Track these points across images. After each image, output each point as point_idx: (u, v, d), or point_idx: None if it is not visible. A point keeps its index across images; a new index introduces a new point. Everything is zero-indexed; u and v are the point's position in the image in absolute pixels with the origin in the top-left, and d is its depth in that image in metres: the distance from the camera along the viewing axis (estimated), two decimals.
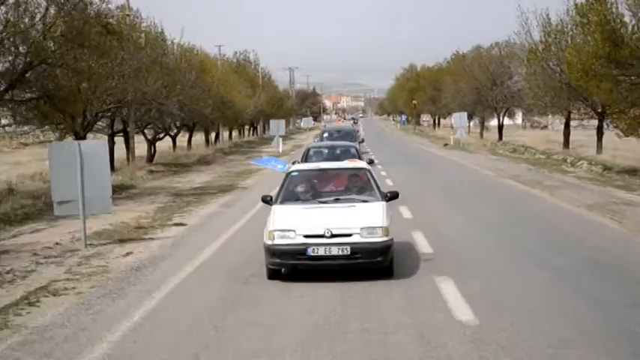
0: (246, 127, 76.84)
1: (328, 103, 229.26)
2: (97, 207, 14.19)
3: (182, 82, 34.98)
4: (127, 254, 13.34)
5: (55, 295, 10.40)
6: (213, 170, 34.61)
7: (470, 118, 62.89)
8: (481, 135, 60.91)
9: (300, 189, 11.96)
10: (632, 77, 23.77)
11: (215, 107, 42.52)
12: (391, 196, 11.59)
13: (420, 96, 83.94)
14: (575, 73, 26.19)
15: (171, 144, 46.41)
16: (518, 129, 70.36)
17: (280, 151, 47.31)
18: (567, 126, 39.61)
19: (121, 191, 24.14)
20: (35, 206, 20.44)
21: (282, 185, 11.88)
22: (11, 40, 20.47)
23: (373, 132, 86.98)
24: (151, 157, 38.76)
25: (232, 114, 51.41)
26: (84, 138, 30.88)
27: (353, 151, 22.15)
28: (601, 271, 10.89)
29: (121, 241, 14.78)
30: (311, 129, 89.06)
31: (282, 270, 10.75)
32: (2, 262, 12.86)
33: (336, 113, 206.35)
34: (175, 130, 46.67)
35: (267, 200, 11.75)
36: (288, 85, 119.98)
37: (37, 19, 20.86)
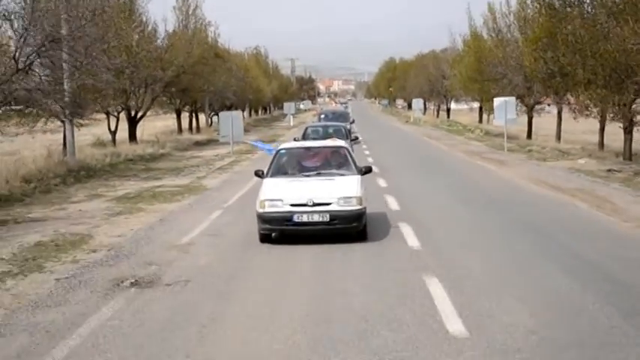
0: (260, 107, 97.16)
1: (322, 87, 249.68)
2: (237, 138, 34.42)
3: (235, 78, 55.24)
4: (252, 155, 33.73)
5: (241, 162, 30.67)
6: (256, 134, 54.79)
7: (434, 102, 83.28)
8: (437, 115, 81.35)
9: (287, 164, 13.27)
10: (489, 82, 43.92)
11: (253, 94, 63.06)
12: (365, 171, 13.05)
13: (395, 84, 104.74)
14: (464, 78, 46.58)
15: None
16: (472, 112, 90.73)
17: (292, 124, 67.57)
18: (480, 109, 59.98)
19: (215, 141, 44.39)
20: (183, 145, 40.73)
21: (272, 161, 13.30)
22: (169, 64, 40.64)
23: (360, 113, 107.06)
24: (211, 125, 59.20)
25: (261, 97, 72.12)
26: (181, 112, 51.39)
27: (343, 130, 25.04)
28: (433, 164, 30.96)
29: (242, 154, 35.02)
30: (309, 109, 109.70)
31: (272, 234, 12.02)
32: (205, 160, 33.08)
33: (328, 96, 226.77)
34: (218, 110, 67.05)
35: (260, 174, 13.06)
36: (289, 71, 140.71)
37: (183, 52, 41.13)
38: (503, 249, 11.56)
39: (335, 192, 11.89)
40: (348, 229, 11.81)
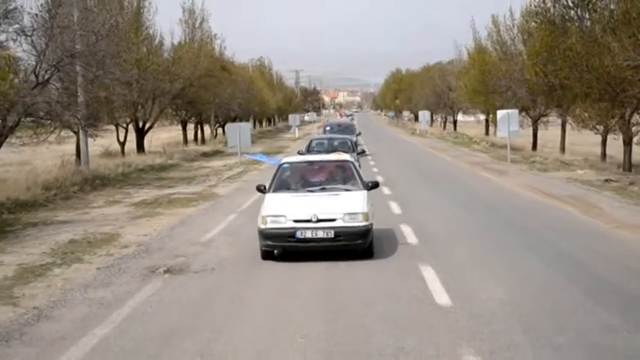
0: (264, 119, 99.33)
1: (327, 99, 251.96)
2: (244, 149, 36.39)
3: (240, 90, 57.33)
4: (260, 166, 35.65)
5: (249, 172, 32.61)
6: (260, 145, 56.82)
7: (441, 114, 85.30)
8: (444, 127, 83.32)
9: (290, 179, 13.42)
10: (493, 94, 45.88)
11: (258, 105, 65.17)
12: (372, 186, 13.16)
13: (401, 96, 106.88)
14: (469, 90, 48.56)
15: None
16: (480, 124, 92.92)
17: (297, 136, 69.61)
18: (487, 121, 61.92)
19: (222, 153, 46.35)
20: (190, 156, 42.70)
21: (275, 175, 13.37)
22: (176, 76, 42.74)
23: (365, 125, 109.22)
24: (216, 136, 61.30)
25: (266, 109, 74.31)
26: (186, 123, 53.43)
27: (349, 143, 25.46)
28: (435, 173, 32.92)
29: (250, 164, 36.96)
30: (314, 121, 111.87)
31: (275, 252, 12.18)
32: (214, 170, 35.00)
33: (333, 108, 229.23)
34: (223, 122, 69.24)
35: (262, 189, 13.16)
36: (293, 82, 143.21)
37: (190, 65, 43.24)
38: (490, 243, 13.46)
39: (340, 208, 12.06)
40: (354, 246, 11.97)
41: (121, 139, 40.86)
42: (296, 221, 11.91)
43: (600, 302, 9.17)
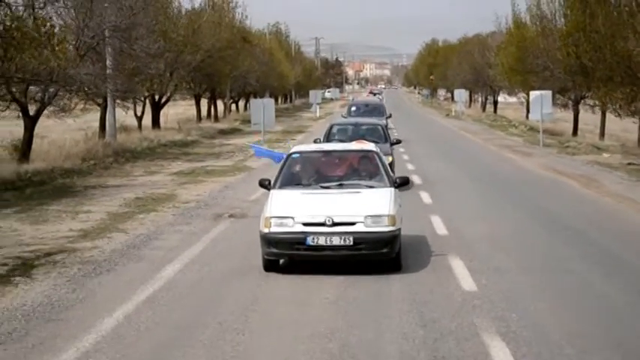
0: (280, 96, 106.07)
1: (351, 72, 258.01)
2: (268, 125, 42.75)
3: (259, 62, 63.83)
4: (284, 144, 42.08)
5: (275, 149, 38.91)
6: (278, 125, 63.06)
7: (480, 94, 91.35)
8: (483, 109, 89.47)
9: (301, 172, 13.48)
10: (530, 74, 51.84)
11: (277, 80, 71.89)
12: (401, 182, 13.28)
13: (437, 71, 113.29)
14: (506, 69, 54.73)
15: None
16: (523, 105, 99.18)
17: (318, 115, 75.90)
18: (528, 102, 67.99)
19: (240, 131, 52.76)
20: (208, 133, 49.13)
21: (282, 168, 13.42)
22: (196, 48, 49.21)
23: (396, 105, 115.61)
24: (230, 113, 68.05)
25: (284, 84, 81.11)
26: (200, 98, 60.03)
27: (380, 130, 24.27)
28: (461, 154, 39.13)
29: (273, 142, 43.30)
30: (337, 99, 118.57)
31: (280, 261, 12.33)
32: (238, 147, 41.36)
33: (358, 83, 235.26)
34: (237, 97, 75.95)
35: (265, 185, 13.23)
36: (311, 50, 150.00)
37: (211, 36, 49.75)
38: (490, 203, 19.87)
39: (361, 209, 12.03)
40: (377, 255, 11.95)
41: (138, 113, 47.30)
42: (307, 224, 11.94)
43: (555, 235, 15.47)
